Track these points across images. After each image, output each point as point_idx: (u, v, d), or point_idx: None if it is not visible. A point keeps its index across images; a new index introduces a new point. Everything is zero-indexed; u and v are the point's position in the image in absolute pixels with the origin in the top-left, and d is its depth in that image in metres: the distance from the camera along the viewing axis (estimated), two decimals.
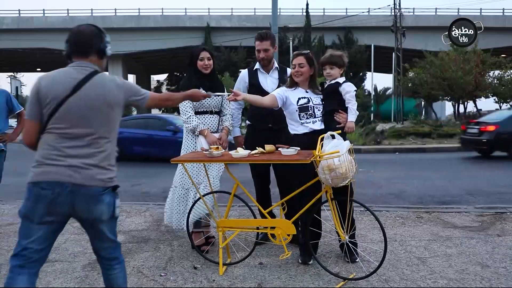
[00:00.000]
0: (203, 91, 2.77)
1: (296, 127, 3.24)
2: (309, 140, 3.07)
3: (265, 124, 3.64)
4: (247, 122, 3.87)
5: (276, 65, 3.79)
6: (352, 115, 3.18)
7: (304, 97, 3.23)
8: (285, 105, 3.24)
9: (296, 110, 3.21)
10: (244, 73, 3.88)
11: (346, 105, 3.23)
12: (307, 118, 3.20)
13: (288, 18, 31.53)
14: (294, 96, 3.23)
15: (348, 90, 3.19)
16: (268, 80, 3.73)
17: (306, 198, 3.02)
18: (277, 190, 3.77)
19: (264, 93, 3.56)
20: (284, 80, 3.60)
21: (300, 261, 3.21)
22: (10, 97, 4.00)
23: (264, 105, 3.24)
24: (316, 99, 3.27)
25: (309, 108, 3.21)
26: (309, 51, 3.34)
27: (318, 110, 3.24)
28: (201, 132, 3.45)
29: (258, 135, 3.63)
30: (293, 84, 3.28)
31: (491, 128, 10.27)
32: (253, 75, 3.77)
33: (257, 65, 3.78)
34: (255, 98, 3.26)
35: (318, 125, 3.22)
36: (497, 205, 5.24)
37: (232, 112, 3.78)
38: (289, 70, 3.76)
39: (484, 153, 11.08)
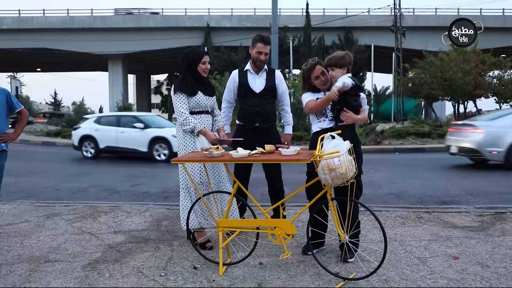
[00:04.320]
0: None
1: (313, 126, 3.51)
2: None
3: (253, 123, 3.87)
4: (237, 121, 4.02)
5: (265, 67, 3.97)
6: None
7: (319, 98, 3.42)
8: None
9: None
10: (234, 73, 4.07)
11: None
12: (320, 117, 3.42)
13: (288, 18, 31.48)
14: (315, 98, 3.47)
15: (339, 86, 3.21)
16: (257, 81, 3.94)
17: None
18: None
19: (252, 92, 3.87)
20: (272, 81, 3.91)
21: (302, 251, 3.43)
22: (10, 95, 3.96)
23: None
24: None
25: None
26: (315, 58, 3.52)
27: (329, 109, 3.40)
28: (200, 131, 3.51)
29: (247, 134, 3.81)
30: (316, 90, 3.49)
31: None
32: (243, 76, 3.97)
33: (247, 66, 3.99)
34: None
35: (327, 124, 3.38)
36: (497, 205, 5.23)
37: (223, 111, 4.04)
38: (277, 72, 4.05)
39: None
